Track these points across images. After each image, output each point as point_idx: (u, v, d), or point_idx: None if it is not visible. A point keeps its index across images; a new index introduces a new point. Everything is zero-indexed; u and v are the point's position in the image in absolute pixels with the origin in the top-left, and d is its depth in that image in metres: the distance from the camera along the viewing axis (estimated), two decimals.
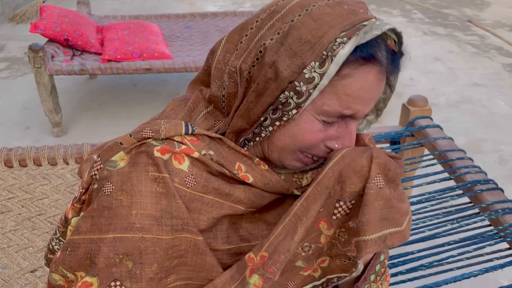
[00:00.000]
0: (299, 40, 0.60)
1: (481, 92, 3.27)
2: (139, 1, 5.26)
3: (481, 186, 1.28)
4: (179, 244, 0.63)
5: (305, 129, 0.64)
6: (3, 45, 4.01)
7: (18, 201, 1.38)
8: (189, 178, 0.64)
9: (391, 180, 0.66)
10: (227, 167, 0.66)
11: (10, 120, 2.86)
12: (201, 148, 0.65)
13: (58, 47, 2.67)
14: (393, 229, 0.65)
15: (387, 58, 0.63)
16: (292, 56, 0.60)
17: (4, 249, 1.25)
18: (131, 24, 2.91)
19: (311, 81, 0.59)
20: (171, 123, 0.65)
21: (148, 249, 0.61)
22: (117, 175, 0.63)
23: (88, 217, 0.62)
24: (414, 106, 1.62)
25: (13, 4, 4.67)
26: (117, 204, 0.61)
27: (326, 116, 0.63)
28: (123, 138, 0.65)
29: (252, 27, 0.65)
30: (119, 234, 0.60)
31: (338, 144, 0.66)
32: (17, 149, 1.47)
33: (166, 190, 0.62)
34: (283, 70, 0.60)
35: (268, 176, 0.69)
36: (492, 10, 5.11)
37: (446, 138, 1.49)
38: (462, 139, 2.62)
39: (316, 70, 0.59)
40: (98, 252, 0.60)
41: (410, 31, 4.41)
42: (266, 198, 0.70)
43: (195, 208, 0.65)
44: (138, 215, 0.61)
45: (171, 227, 0.62)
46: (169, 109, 0.74)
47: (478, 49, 4.03)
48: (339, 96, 0.61)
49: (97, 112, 2.96)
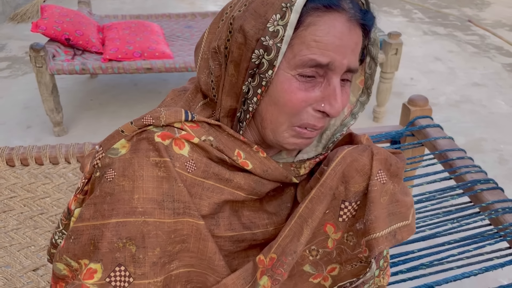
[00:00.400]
0: (262, 3, 0.61)
1: (481, 92, 3.27)
2: (140, 1, 5.27)
3: (481, 186, 1.29)
4: (181, 228, 0.63)
5: (283, 89, 0.63)
6: (4, 44, 4.01)
7: (20, 200, 1.38)
8: (189, 163, 0.65)
9: (394, 174, 0.67)
10: (227, 153, 0.67)
11: (11, 119, 2.86)
12: (201, 134, 0.66)
13: (59, 47, 2.68)
14: (402, 223, 0.66)
15: (353, 9, 0.62)
16: (257, 17, 0.61)
17: (6, 248, 1.26)
18: (132, 24, 2.91)
19: (276, 35, 0.60)
20: (171, 110, 0.66)
21: (151, 232, 0.61)
22: (119, 162, 0.63)
23: (91, 204, 0.63)
24: (415, 105, 1.63)
25: (13, 3, 4.67)
26: (119, 189, 0.62)
27: (301, 68, 0.61)
28: (125, 126, 0.67)
29: (227, 12, 0.67)
30: (122, 219, 0.61)
31: (325, 104, 0.64)
32: (18, 148, 1.48)
33: (168, 174, 0.63)
34: (249, 30, 0.61)
35: (267, 163, 0.69)
36: (492, 10, 5.11)
37: (447, 137, 1.50)
38: (462, 139, 2.63)
39: (279, 23, 0.60)
40: (102, 237, 0.61)
41: (410, 30, 4.42)
42: (265, 185, 0.71)
43: (196, 193, 0.65)
44: (140, 199, 0.61)
45: (173, 210, 0.63)
46: (169, 98, 0.76)
47: (478, 49, 4.03)
48: (308, 43, 0.60)
49: (98, 111, 2.97)
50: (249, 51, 0.62)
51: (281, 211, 0.74)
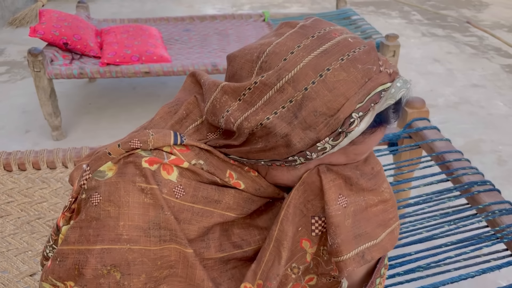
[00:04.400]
0: (314, 113, 0.57)
1: (480, 93, 3.27)
2: (138, 5, 5.27)
3: (478, 188, 1.29)
4: (168, 254, 0.63)
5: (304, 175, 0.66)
6: (3, 49, 4.02)
7: (17, 205, 1.38)
8: (177, 188, 0.64)
9: (359, 190, 0.66)
10: (218, 175, 0.67)
11: (10, 123, 2.87)
12: (191, 158, 0.65)
13: (57, 51, 2.68)
14: (370, 243, 0.66)
15: (394, 113, 0.63)
16: (305, 128, 0.58)
17: (3, 253, 1.25)
18: (130, 28, 2.92)
19: (322, 151, 0.60)
20: (160, 134, 0.65)
21: (136, 260, 0.61)
22: (105, 186, 0.62)
23: (76, 228, 0.62)
24: (412, 107, 1.63)
25: (12, 8, 4.68)
26: (105, 215, 0.61)
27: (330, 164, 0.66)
28: (112, 148, 0.65)
29: (256, 82, 0.59)
30: (107, 246, 0.60)
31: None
32: (16, 153, 1.48)
33: (154, 201, 0.62)
34: (297, 143, 0.59)
35: (259, 182, 0.70)
36: (491, 11, 5.12)
37: (444, 139, 1.50)
38: (460, 140, 2.63)
39: (329, 142, 0.59)
40: (86, 263, 0.60)
41: (408, 32, 4.42)
42: (255, 202, 0.71)
43: (185, 218, 0.65)
44: (126, 226, 0.61)
45: (159, 238, 0.62)
46: (158, 117, 0.73)
47: (477, 50, 4.04)
48: (348, 155, 0.63)
49: (97, 115, 2.97)
50: (287, 155, 0.61)
51: (274, 225, 0.73)
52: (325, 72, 0.57)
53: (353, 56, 0.58)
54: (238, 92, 0.61)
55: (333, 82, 0.57)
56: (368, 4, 5.33)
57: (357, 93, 0.57)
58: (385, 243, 0.67)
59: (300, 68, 0.57)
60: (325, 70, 0.57)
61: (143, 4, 5.29)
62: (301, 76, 0.57)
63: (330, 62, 0.57)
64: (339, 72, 0.57)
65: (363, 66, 0.58)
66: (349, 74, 0.57)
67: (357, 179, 0.66)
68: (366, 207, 0.66)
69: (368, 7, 5.21)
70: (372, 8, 5.18)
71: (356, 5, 5.16)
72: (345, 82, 0.57)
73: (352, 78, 0.57)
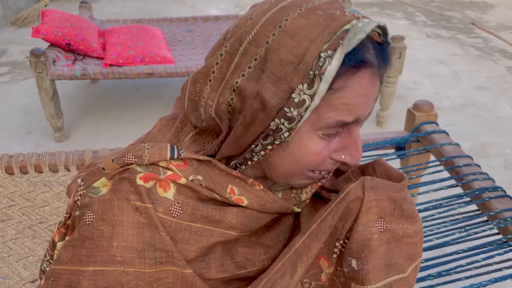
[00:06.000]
0: (280, 63, 0.54)
1: (486, 95, 3.25)
2: (141, 5, 5.26)
3: (489, 194, 1.26)
4: (165, 277, 0.60)
5: (309, 151, 0.59)
6: (5, 49, 4.00)
7: (19, 209, 1.36)
8: (174, 206, 0.60)
9: (400, 216, 0.62)
10: (218, 192, 0.62)
11: (12, 124, 2.85)
12: (189, 174, 0.61)
13: (60, 52, 2.66)
14: (398, 276, 0.62)
15: (376, 55, 0.57)
16: (276, 82, 0.54)
17: (4, 259, 1.23)
18: (133, 28, 2.90)
19: (301, 105, 0.54)
20: (156, 148, 0.61)
21: (130, 283, 0.58)
22: (98, 203, 0.59)
23: (69, 247, 0.60)
24: (420, 111, 1.60)
25: (15, 8, 4.67)
26: (98, 234, 0.58)
27: (327, 129, 0.58)
28: (106, 163, 0.62)
29: (221, 53, 0.58)
30: (100, 267, 0.57)
31: (345, 155, 0.61)
32: (18, 155, 1.45)
33: (149, 221, 0.59)
34: (270, 99, 0.54)
35: (264, 197, 0.65)
36: (496, 12, 5.09)
37: (453, 144, 1.47)
38: (467, 143, 2.60)
39: (306, 92, 0.54)
40: (78, 285, 0.57)
41: (413, 33, 4.39)
42: (261, 220, 0.66)
43: (183, 238, 0.61)
44: (120, 247, 0.58)
45: (154, 260, 0.59)
46: (155, 130, 0.70)
47: (482, 51, 4.01)
48: (337, 107, 0.56)
49: (99, 116, 2.95)
50: (267, 119, 0.56)
51: (279, 242, 0.70)
52: (284, 22, 0.55)
53: (312, 6, 0.56)
54: (207, 72, 0.60)
55: (293, 29, 0.54)
56: (372, 5, 5.30)
57: (321, 34, 0.54)
58: (411, 278, 0.63)
59: (259, 27, 0.56)
60: (284, 21, 0.55)
61: (146, 4, 5.28)
62: (261, 33, 0.56)
63: (288, 13, 0.55)
64: (298, 20, 0.55)
65: (325, 12, 0.56)
66: (310, 20, 0.55)
67: (401, 202, 0.61)
68: (402, 236, 0.62)
69: (372, 8, 5.18)
70: (376, 9, 5.16)
71: (360, 6, 5.13)
72: (306, 27, 0.54)
73: (313, 22, 0.55)
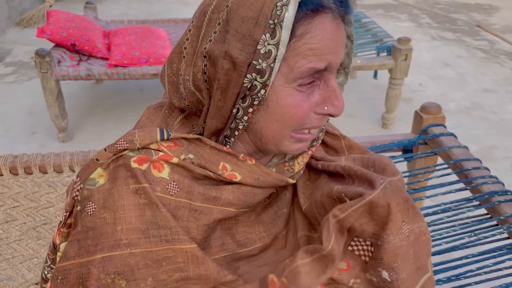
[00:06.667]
0: (242, 21, 0.57)
1: (492, 98, 3.22)
2: (146, 6, 5.26)
3: (499, 197, 1.24)
4: (174, 255, 0.60)
5: (288, 105, 0.60)
6: (10, 49, 4.01)
7: (23, 209, 1.35)
8: (171, 185, 0.62)
9: (414, 214, 0.62)
10: (211, 169, 0.63)
11: (16, 125, 2.84)
12: (180, 153, 0.63)
13: (65, 52, 2.66)
14: (426, 276, 0.62)
15: (334, 1, 0.59)
16: (241, 38, 0.57)
17: (8, 260, 1.22)
18: (138, 29, 2.89)
19: (268, 55, 0.56)
20: (145, 131, 0.63)
21: (139, 263, 0.58)
22: (98, 193, 0.60)
23: (74, 241, 0.60)
24: (427, 113, 1.58)
25: (20, 8, 4.68)
26: (101, 222, 0.59)
27: (301, 79, 0.59)
28: (99, 154, 0.63)
29: (190, 29, 0.63)
30: (107, 253, 0.58)
31: (328, 106, 0.62)
32: (22, 156, 1.45)
33: (149, 201, 0.60)
34: (238, 55, 0.57)
35: (257, 171, 0.66)
36: (501, 14, 5.06)
37: (461, 146, 1.45)
38: (473, 146, 2.58)
39: (270, 42, 0.56)
40: (89, 275, 0.57)
41: (418, 36, 4.37)
42: (258, 195, 0.67)
43: (182, 215, 0.62)
44: (124, 231, 0.58)
45: (159, 238, 0.59)
46: (144, 118, 0.72)
47: (488, 54, 3.98)
48: (304, 53, 0.58)
49: (103, 117, 2.94)
50: (240, 77, 0.58)
51: (278, 218, 0.71)
52: None
53: None
54: (180, 50, 0.63)
55: None
56: (377, 7, 5.28)
57: None
58: (432, 275, 0.63)
59: None
60: None
61: (150, 5, 5.28)
62: (220, 1, 0.59)
63: None
64: None
65: None
66: None
67: (410, 200, 0.61)
68: (419, 234, 0.62)
69: (376, 10, 5.17)
70: (381, 11, 5.14)
71: (365, 8, 5.12)
72: None
73: None
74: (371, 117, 2.96)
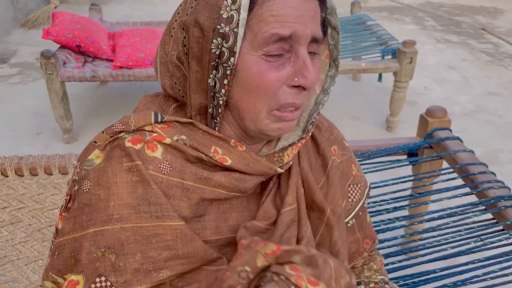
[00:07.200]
0: None
1: (497, 101, 3.21)
2: (150, 7, 5.27)
3: (505, 202, 1.23)
4: (164, 233, 0.61)
5: (253, 74, 0.61)
6: (15, 50, 4.02)
7: (28, 211, 1.35)
8: (163, 164, 0.64)
9: None
10: (202, 151, 0.65)
11: (21, 125, 2.85)
12: (173, 134, 0.65)
13: (70, 54, 2.66)
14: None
15: None
16: (209, 8, 0.60)
17: (13, 262, 1.22)
18: (142, 31, 2.90)
19: (231, 20, 0.59)
20: (140, 114, 0.66)
21: (129, 238, 0.60)
22: (93, 172, 0.63)
23: (70, 218, 0.62)
24: (433, 117, 1.58)
25: (25, 9, 4.70)
26: (96, 199, 0.61)
27: (265, 46, 0.60)
28: (97, 136, 0.67)
29: (178, 12, 0.66)
30: (99, 228, 0.60)
31: (299, 78, 0.62)
32: (27, 157, 1.45)
33: (141, 178, 0.62)
34: (204, 21, 0.60)
35: (247, 157, 0.67)
36: (506, 17, 5.05)
37: (467, 151, 1.45)
38: (478, 150, 2.57)
39: (232, 8, 0.58)
40: (81, 248, 0.60)
41: (422, 38, 4.37)
42: (248, 181, 0.68)
43: (174, 194, 0.63)
44: (116, 206, 0.61)
45: (149, 214, 0.61)
46: (141, 105, 0.75)
47: (493, 57, 3.97)
48: (266, 19, 0.59)
49: (108, 118, 2.95)
50: (208, 42, 0.60)
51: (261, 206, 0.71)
52: None
53: None
54: (170, 30, 0.67)
55: None
56: (381, 10, 5.28)
57: None
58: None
59: None
60: None
61: (154, 7, 5.29)
62: None
63: None
64: None
65: None
66: None
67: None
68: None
69: (381, 13, 5.16)
70: (385, 14, 5.14)
71: (369, 11, 5.11)
72: None
73: None
74: (376, 120, 2.95)
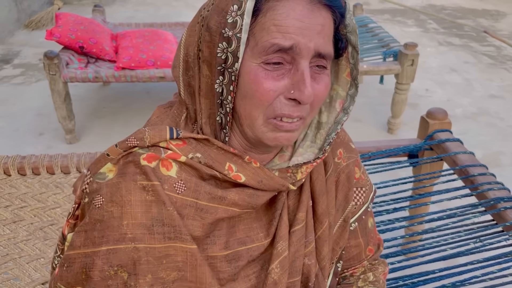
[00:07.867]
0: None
1: (498, 104, 3.21)
2: (153, 9, 5.29)
3: (505, 204, 1.24)
4: (174, 254, 0.62)
5: (250, 80, 0.61)
6: (19, 51, 4.05)
7: (31, 210, 1.36)
8: (178, 183, 0.63)
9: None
10: (217, 169, 0.65)
11: (24, 126, 2.87)
12: (188, 152, 0.64)
13: (73, 54, 2.68)
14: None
15: None
16: (219, 12, 0.61)
17: (15, 260, 1.23)
18: (145, 32, 2.91)
19: (235, 25, 0.59)
20: (155, 129, 0.65)
21: (141, 259, 0.60)
22: (106, 187, 0.62)
23: (81, 232, 0.62)
24: (434, 119, 1.58)
25: (28, 10, 4.72)
26: (108, 216, 0.61)
27: (265, 55, 0.60)
28: (110, 149, 0.65)
29: (201, 14, 0.66)
30: (112, 246, 0.60)
31: (295, 91, 0.61)
32: (30, 157, 1.46)
33: (156, 198, 0.62)
34: (213, 25, 0.61)
35: (261, 174, 0.67)
36: (508, 20, 5.05)
37: (467, 152, 1.45)
38: (479, 152, 2.57)
39: (237, 13, 0.59)
40: (93, 266, 0.60)
41: (425, 41, 4.37)
42: (261, 197, 0.68)
43: (188, 214, 0.63)
44: (130, 225, 0.60)
45: (163, 235, 0.61)
46: (154, 116, 0.74)
47: (495, 60, 3.97)
48: (268, 28, 0.59)
49: (110, 119, 2.96)
50: (215, 46, 0.61)
51: (274, 220, 0.72)
52: None
53: None
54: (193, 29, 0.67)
55: None
56: (384, 12, 5.29)
57: None
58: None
59: None
60: None
61: (157, 8, 5.31)
62: None
63: None
64: None
65: None
66: None
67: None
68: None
69: (383, 15, 5.17)
70: (387, 16, 5.14)
71: (372, 13, 5.12)
72: None
73: None
74: (377, 122, 2.96)
